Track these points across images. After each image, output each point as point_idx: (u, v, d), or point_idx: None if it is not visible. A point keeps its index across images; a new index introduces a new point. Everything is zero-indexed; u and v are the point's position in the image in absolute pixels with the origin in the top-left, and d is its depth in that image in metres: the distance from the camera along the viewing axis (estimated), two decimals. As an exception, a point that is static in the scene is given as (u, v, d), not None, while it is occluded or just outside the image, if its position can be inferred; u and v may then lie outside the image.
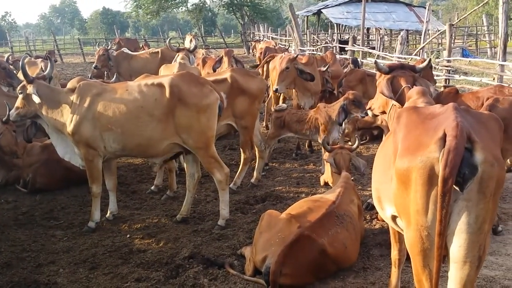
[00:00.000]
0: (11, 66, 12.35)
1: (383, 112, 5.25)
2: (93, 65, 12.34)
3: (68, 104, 5.86)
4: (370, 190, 6.59)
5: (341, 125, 7.75)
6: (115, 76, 9.04)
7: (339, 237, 4.69)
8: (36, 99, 5.83)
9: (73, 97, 5.86)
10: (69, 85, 6.05)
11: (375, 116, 5.52)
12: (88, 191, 6.45)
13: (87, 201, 6.67)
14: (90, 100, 5.80)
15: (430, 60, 5.85)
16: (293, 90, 9.24)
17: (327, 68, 9.92)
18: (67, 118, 5.84)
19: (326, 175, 6.78)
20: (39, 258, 5.40)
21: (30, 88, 5.90)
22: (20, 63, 6.45)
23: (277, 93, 9.63)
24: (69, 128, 5.79)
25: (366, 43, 28.07)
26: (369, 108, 5.55)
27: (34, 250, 5.61)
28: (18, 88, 6.15)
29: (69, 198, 7.25)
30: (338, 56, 15.38)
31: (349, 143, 8.92)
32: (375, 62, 5.06)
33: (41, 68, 10.36)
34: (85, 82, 6.08)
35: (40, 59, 11.97)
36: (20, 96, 6.06)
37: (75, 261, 5.28)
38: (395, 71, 5.01)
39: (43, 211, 6.77)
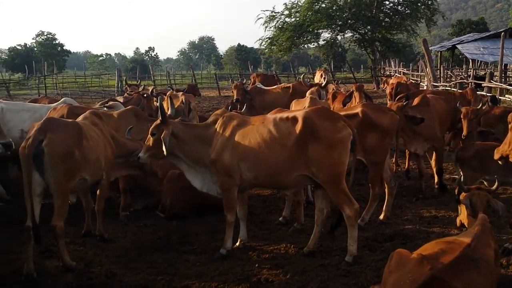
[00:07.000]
0: (154, 98, 13.43)
1: None
2: (235, 98, 13.11)
3: (211, 134, 6.21)
4: (507, 234, 6.23)
5: None
6: (244, 107, 9.45)
7: (473, 283, 4.42)
8: (164, 148, 5.94)
9: (217, 127, 6.23)
10: (213, 116, 6.44)
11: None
12: (221, 219, 6.74)
13: (219, 229, 6.91)
14: (231, 131, 6.12)
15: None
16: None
17: (475, 107, 9.32)
18: (209, 148, 6.15)
19: (462, 216, 6.48)
20: (173, 281, 5.62)
21: (165, 131, 6.04)
22: (158, 103, 6.37)
23: None
24: (212, 156, 6.09)
25: (503, 80, 26.62)
26: (501, 157, 5.28)
27: (169, 273, 5.84)
28: (151, 129, 6.22)
29: (202, 224, 7.52)
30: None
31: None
32: None
33: (182, 101, 11.06)
34: (228, 114, 6.48)
35: (181, 93, 12.85)
36: (153, 137, 6.18)
37: (206, 287, 5.46)
38: None
39: (178, 236, 7.07)
